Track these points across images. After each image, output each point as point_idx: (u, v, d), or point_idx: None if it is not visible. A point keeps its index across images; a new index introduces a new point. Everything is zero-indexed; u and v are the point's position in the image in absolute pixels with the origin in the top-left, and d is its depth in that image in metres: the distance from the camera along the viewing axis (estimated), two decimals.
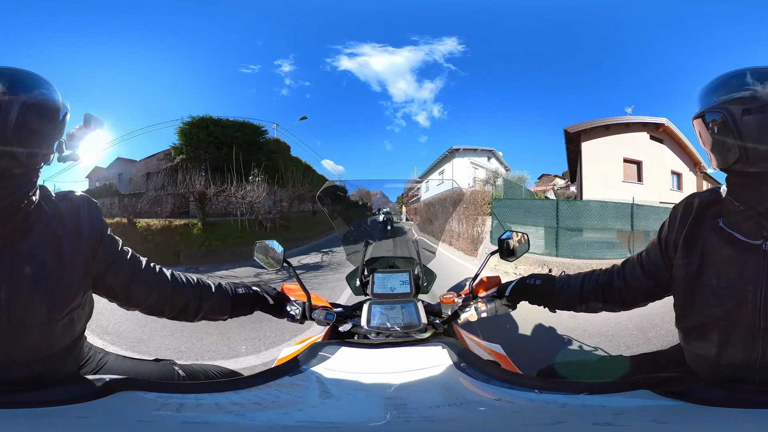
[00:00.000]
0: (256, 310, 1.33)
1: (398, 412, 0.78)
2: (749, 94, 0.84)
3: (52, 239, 0.95)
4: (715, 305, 0.93)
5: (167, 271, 1.17)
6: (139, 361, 1.30)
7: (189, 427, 0.77)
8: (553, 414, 0.81)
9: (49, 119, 0.92)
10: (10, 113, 0.84)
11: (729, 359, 0.93)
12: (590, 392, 0.85)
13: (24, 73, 0.89)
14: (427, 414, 0.79)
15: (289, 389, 0.92)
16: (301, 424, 0.75)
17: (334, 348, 1.08)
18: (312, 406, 0.84)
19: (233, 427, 0.77)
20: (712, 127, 0.90)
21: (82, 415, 0.79)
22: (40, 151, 0.92)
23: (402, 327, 1.22)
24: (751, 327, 0.89)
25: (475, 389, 0.89)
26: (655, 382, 0.87)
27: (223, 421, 0.80)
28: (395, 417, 0.76)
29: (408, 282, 1.41)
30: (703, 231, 0.98)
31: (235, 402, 0.86)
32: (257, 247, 1.44)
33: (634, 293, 1.15)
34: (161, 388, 0.91)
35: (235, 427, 0.77)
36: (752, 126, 0.84)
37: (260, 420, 0.78)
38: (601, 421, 0.77)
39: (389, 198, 2.20)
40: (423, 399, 0.86)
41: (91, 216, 1.04)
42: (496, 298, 1.35)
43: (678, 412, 0.79)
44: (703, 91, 0.92)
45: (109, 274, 1.05)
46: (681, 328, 1.05)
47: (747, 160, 0.86)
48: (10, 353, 0.90)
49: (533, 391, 0.87)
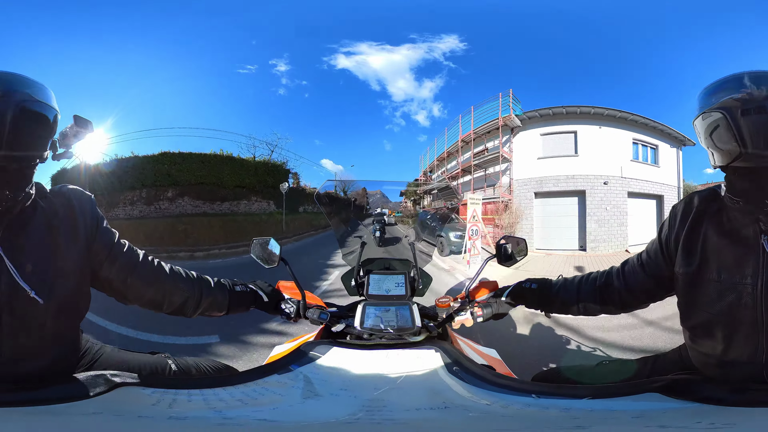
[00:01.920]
0: (252, 308, 1.33)
1: (372, 413, 0.77)
2: (747, 96, 0.86)
3: (49, 234, 0.97)
4: (718, 302, 0.94)
5: (166, 266, 1.17)
6: (134, 354, 1.31)
7: (175, 423, 0.77)
8: (562, 419, 0.79)
9: (41, 120, 0.95)
10: (5, 115, 0.87)
11: (735, 357, 0.94)
12: (594, 396, 0.84)
13: (17, 76, 0.93)
14: (400, 416, 0.78)
15: (275, 388, 0.92)
16: (259, 422, 0.75)
17: (325, 348, 1.08)
18: (289, 405, 0.83)
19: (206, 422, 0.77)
20: (712, 127, 0.92)
21: (83, 412, 0.79)
22: (34, 152, 0.95)
23: (396, 329, 1.21)
24: (753, 323, 0.91)
25: (465, 393, 0.88)
26: (663, 384, 0.86)
27: (202, 416, 0.80)
28: (365, 418, 0.76)
29: (403, 284, 1.40)
30: (703, 228, 1.00)
31: (221, 399, 0.86)
32: (254, 244, 1.44)
33: (636, 294, 1.15)
34: (158, 383, 0.92)
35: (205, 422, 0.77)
36: (750, 125, 0.86)
37: (227, 416, 0.78)
38: (633, 423, 0.75)
39: (389, 198, 2.16)
40: (405, 401, 0.85)
41: (87, 209, 1.05)
42: (492, 302, 1.34)
43: (695, 414, 0.78)
44: (703, 92, 0.94)
45: (104, 267, 1.06)
46: (686, 327, 1.06)
47: (745, 158, 0.88)
48: (8, 349, 0.91)
49: (530, 396, 0.85)
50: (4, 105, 0.88)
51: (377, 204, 2.21)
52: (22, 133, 0.91)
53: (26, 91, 0.92)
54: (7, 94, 0.89)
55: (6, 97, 0.89)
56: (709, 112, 0.92)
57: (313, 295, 1.41)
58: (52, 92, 0.98)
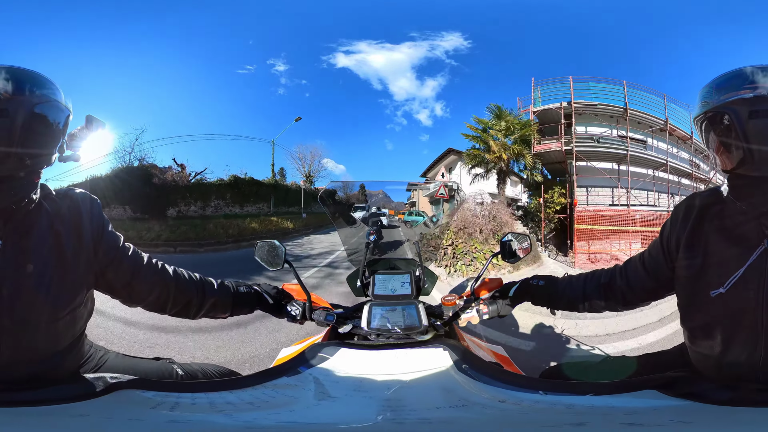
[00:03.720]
0: (256, 309, 1.32)
1: (393, 413, 0.77)
2: (757, 95, 0.81)
3: (54, 237, 0.95)
4: (718, 305, 0.93)
5: (169, 268, 1.17)
6: (138, 360, 1.30)
7: (175, 426, 0.77)
8: (565, 415, 0.80)
9: (53, 122, 0.92)
10: (17, 116, 0.83)
11: (733, 358, 0.93)
12: (596, 393, 0.84)
13: (30, 73, 0.89)
14: (425, 416, 0.78)
15: (285, 390, 0.91)
16: (282, 425, 0.74)
17: (333, 349, 1.07)
18: (305, 407, 0.83)
19: (214, 426, 0.77)
20: (716, 128, 0.88)
21: (82, 414, 0.79)
22: (44, 152, 0.92)
23: (403, 329, 1.21)
24: (753, 326, 0.89)
25: (477, 391, 0.88)
26: (661, 382, 0.86)
27: (209, 420, 0.79)
28: (387, 419, 0.75)
29: (409, 283, 1.40)
30: (704, 231, 0.98)
31: (229, 402, 0.85)
32: (258, 246, 1.43)
33: (637, 293, 1.16)
34: (160, 386, 0.91)
35: (216, 426, 0.77)
36: (759, 129, 0.81)
37: (243, 420, 0.77)
38: (626, 421, 0.75)
39: (392, 198, 2.13)
40: (422, 401, 0.85)
41: (92, 212, 1.04)
42: (497, 299, 1.34)
43: (690, 412, 0.78)
44: (707, 89, 0.90)
45: (110, 270, 1.05)
46: (686, 327, 1.05)
47: (752, 164, 0.84)
48: (11, 351, 0.89)
49: (538, 393, 0.86)
50: (15, 107, 0.83)
51: (377, 204, 2.14)
52: (34, 139, 0.88)
53: (37, 91, 0.88)
54: (17, 93, 0.84)
55: (17, 97, 0.84)
56: (713, 111, 0.87)
57: (318, 296, 1.41)
58: (61, 89, 0.95)
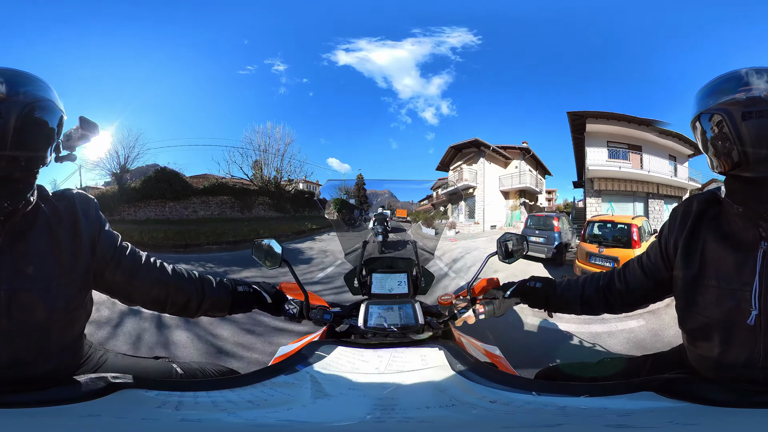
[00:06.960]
0: (254, 308, 1.33)
1: (383, 412, 0.78)
2: (750, 96, 0.82)
3: (51, 238, 0.96)
4: (716, 307, 0.93)
5: (168, 267, 1.18)
6: (138, 359, 1.30)
7: (187, 425, 0.77)
8: (552, 416, 0.80)
9: (47, 123, 0.92)
10: (10, 117, 0.84)
11: (732, 359, 0.93)
12: (591, 394, 0.85)
13: (22, 74, 0.89)
14: (411, 415, 0.79)
15: (283, 388, 0.92)
16: (282, 423, 0.75)
17: (330, 347, 1.08)
18: (302, 405, 0.83)
19: (221, 424, 0.78)
20: (711, 130, 0.89)
21: (83, 414, 0.79)
22: (39, 154, 0.92)
23: (399, 328, 1.22)
24: (751, 328, 0.89)
25: (469, 391, 0.89)
26: (658, 383, 0.86)
27: (216, 418, 0.80)
28: (374, 418, 0.76)
29: (406, 283, 1.41)
30: (702, 233, 0.99)
31: (230, 400, 0.86)
32: (255, 245, 1.43)
33: (635, 295, 1.16)
34: (161, 386, 0.92)
35: (223, 424, 0.78)
36: (753, 130, 0.82)
37: (247, 418, 0.78)
38: (612, 423, 0.76)
39: (397, 198, 2.07)
40: (413, 400, 0.86)
41: (89, 212, 1.04)
42: (494, 300, 1.35)
43: (687, 414, 0.78)
44: (702, 92, 0.90)
45: (108, 270, 1.06)
46: (684, 329, 1.05)
47: (747, 165, 0.85)
48: (10, 353, 0.90)
49: (530, 393, 0.86)
50: (7, 109, 0.84)
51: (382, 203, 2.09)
52: (28, 140, 0.88)
53: (30, 92, 0.88)
54: (11, 95, 0.85)
55: (10, 99, 0.85)
56: (707, 114, 0.88)
57: (316, 295, 1.42)
58: (54, 90, 0.95)
